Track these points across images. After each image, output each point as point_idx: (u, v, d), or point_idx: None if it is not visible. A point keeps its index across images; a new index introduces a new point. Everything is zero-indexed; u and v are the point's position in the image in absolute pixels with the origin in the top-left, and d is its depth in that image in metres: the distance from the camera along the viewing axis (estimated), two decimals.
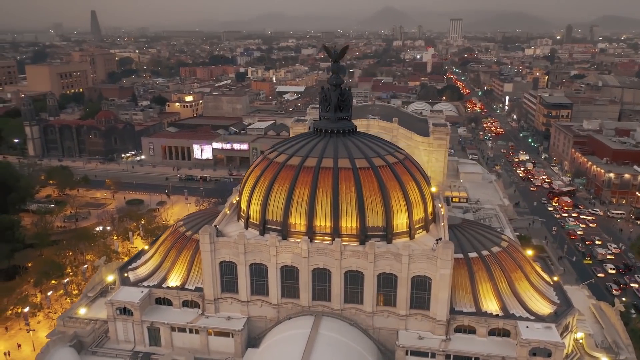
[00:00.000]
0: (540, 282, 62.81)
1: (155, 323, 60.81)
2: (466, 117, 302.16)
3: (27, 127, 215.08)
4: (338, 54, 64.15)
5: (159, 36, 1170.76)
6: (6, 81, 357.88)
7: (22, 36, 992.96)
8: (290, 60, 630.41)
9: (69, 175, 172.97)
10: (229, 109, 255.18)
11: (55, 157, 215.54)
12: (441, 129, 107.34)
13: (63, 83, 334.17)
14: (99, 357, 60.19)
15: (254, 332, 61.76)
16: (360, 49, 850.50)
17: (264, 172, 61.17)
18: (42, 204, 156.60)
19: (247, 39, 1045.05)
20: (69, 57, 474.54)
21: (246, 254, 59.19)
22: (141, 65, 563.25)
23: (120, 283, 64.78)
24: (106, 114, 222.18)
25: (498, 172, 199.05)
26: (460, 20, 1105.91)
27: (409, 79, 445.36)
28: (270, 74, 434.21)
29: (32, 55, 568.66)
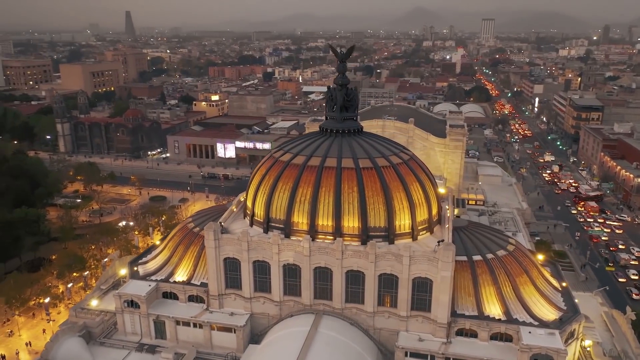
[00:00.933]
0: (547, 287, 61.58)
1: (161, 316, 62.26)
2: (493, 119, 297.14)
3: (59, 124, 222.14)
4: (344, 53, 64.29)
5: (191, 36, 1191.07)
6: (42, 79, 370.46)
7: (60, 36, 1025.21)
8: (319, 61, 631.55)
9: (95, 171, 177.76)
10: (254, 108, 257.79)
11: (85, 153, 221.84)
12: (458, 130, 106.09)
13: (95, 82, 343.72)
14: (107, 348, 61.97)
15: (257, 329, 62.52)
16: (390, 49, 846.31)
17: (269, 171, 61.89)
18: (69, 199, 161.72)
19: (276, 39, 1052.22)
20: (102, 56, 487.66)
21: (249, 251, 59.99)
22: (172, 64, 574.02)
23: (130, 276, 66.56)
24: (134, 112, 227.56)
25: (523, 175, 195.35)
26: (492, 20, 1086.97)
27: (437, 80, 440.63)
28: (297, 74, 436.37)
29: (68, 55, 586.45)
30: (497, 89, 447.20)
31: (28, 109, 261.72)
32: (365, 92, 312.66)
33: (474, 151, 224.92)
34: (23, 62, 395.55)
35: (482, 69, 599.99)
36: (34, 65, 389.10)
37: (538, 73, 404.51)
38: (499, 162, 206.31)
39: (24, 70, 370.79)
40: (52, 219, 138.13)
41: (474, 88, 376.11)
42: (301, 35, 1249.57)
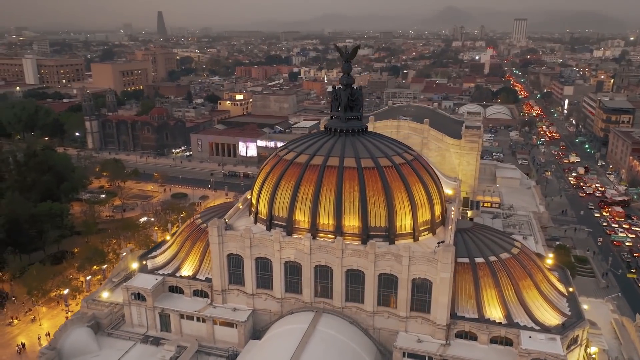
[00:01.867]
0: (551, 292, 60.51)
1: (166, 310, 63.77)
2: (520, 121, 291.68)
3: (87, 122, 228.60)
4: (349, 53, 64.57)
5: (221, 36, 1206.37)
6: (74, 78, 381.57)
7: (94, 36, 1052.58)
8: None
9: (120, 167, 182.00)
10: (276, 107, 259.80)
11: (112, 150, 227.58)
12: (473, 131, 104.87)
13: (125, 80, 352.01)
14: (114, 339, 63.87)
15: (259, 325, 63.38)
16: (418, 49, 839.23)
17: (273, 169, 62.68)
18: (94, 194, 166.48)
19: (305, 39, 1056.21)
20: (132, 56, 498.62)
21: (252, 248, 60.90)
22: (200, 64, 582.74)
23: (138, 270, 68.34)
24: (159, 110, 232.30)
25: (547, 178, 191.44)
26: (525, 20, 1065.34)
27: (464, 81, 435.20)
28: (322, 74, 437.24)
29: (101, 54, 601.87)
30: (527, 90, 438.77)
31: (59, 106, 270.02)
32: (389, 92, 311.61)
33: (498, 153, 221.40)
34: (56, 61, 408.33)
35: (512, 69, 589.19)
36: (66, 64, 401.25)
37: (568, 74, 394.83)
38: (524, 165, 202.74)
39: (57, 69, 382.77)
40: (76, 214, 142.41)
41: (502, 89, 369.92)
42: (329, 35, 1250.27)
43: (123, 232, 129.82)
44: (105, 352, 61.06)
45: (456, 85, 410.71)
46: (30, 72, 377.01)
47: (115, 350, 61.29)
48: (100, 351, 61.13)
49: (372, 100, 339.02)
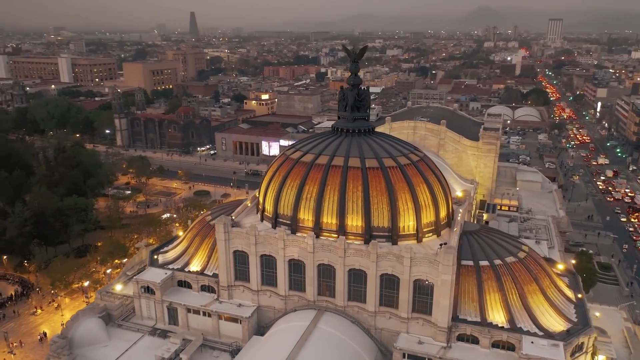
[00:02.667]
0: (558, 297, 59.37)
1: (174, 303, 65.32)
2: (549, 123, 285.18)
3: (116, 120, 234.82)
4: (357, 54, 64.77)
5: (251, 36, 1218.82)
6: (106, 77, 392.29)
7: (129, 36, 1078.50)
8: (374, 61, 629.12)
9: (146, 164, 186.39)
10: (301, 107, 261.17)
11: (140, 147, 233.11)
12: (491, 133, 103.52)
13: (155, 79, 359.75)
14: (124, 330, 65.81)
15: (264, 321, 64.23)
16: (448, 50, 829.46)
17: (279, 168, 63.45)
18: (120, 190, 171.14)
19: (334, 39, 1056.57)
20: (163, 55, 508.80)
21: (257, 245, 61.80)
22: (230, 64, 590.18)
23: (149, 264, 70.18)
24: (185, 109, 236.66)
25: (574, 182, 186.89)
26: (560, 21, 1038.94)
27: (494, 82, 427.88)
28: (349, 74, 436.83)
29: (134, 54, 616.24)
30: (559, 92, 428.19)
31: (91, 104, 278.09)
32: (415, 93, 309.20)
33: (524, 156, 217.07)
34: (90, 61, 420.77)
35: (545, 71, 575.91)
36: (100, 63, 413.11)
37: (602, 76, 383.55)
38: (551, 168, 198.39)
39: (91, 68, 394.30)
40: (101, 209, 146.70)
41: (532, 91, 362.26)
42: (359, 36, 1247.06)
43: (145, 228, 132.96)
44: (114, 342, 62.99)
45: (485, 87, 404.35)
46: (65, 70, 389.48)
47: (124, 342, 63.17)
48: (110, 341, 63.09)
49: (398, 101, 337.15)
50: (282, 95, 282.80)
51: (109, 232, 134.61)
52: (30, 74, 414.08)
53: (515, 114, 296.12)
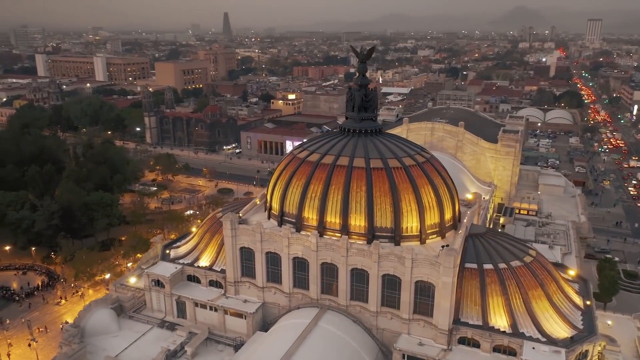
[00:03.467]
0: (565, 303, 58.19)
1: (182, 297, 66.97)
2: (581, 126, 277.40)
3: (146, 118, 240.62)
4: (365, 54, 64.98)
5: (283, 37, 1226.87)
6: (139, 76, 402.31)
7: (164, 36, 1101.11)
8: (404, 61, 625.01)
9: (172, 162, 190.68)
10: (326, 107, 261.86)
11: (168, 145, 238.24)
12: (510, 135, 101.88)
13: (185, 79, 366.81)
14: (134, 322, 67.90)
15: (269, 318, 65.19)
16: (481, 50, 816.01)
17: (286, 167, 64.27)
18: (146, 186, 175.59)
19: (366, 39, 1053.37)
20: (195, 55, 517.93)
21: (262, 242, 62.79)
22: (260, 64, 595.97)
23: (160, 258, 72.12)
24: (212, 108, 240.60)
25: (604, 187, 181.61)
26: (599, 21, 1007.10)
27: (527, 83, 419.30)
28: (377, 74, 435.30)
29: (168, 54, 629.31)
30: (594, 95, 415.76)
31: (123, 102, 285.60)
32: (443, 94, 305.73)
33: (554, 160, 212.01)
34: (124, 60, 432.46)
35: (581, 72, 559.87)
36: (133, 62, 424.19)
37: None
38: (581, 173, 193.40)
39: (125, 67, 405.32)
40: (126, 204, 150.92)
41: (565, 93, 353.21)
42: (391, 36, 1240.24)
43: (168, 224, 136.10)
44: (124, 333, 65.08)
45: (518, 88, 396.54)
46: (100, 69, 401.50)
47: (134, 332, 65.17)
48: (120, 332, 65.22)
49: (425, 102, 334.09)
50: (307, 95, 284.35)
51: (133, 227, 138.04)
52: (67, 73, 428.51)
53: (546, 117, 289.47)
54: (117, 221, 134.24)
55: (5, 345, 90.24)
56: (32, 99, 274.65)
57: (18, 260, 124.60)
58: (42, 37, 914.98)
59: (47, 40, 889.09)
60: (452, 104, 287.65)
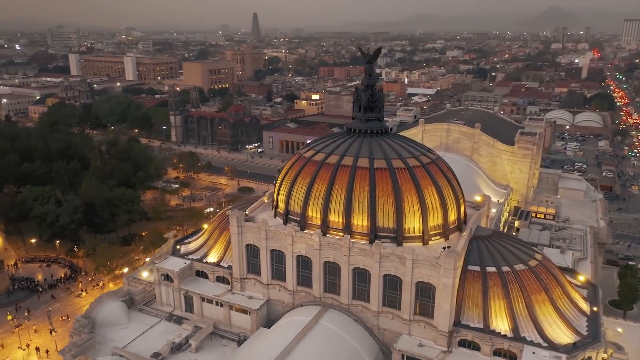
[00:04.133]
0: (570, 309, 57.18)
1: (190, 292, 68.47)
2: (612, 129, 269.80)
3: (172, 116, 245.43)
4: (372, 55, 65.18)
5: (311, 37, 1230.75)
6: (168, 75, 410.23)
7: (194, 36, 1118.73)
8: (432, 62, 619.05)
9: (195, 160, 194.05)
10: (349, 108, 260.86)
11: (192, 144, 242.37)
12: (527, 138, 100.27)
13: (212, 79, 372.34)
14: (143, 314, 69.78)
15: (273, 314, 66.02)
16: (512, 51, 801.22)
17: (292, 166, 65.04)
18: (169, 183, 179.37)
19: (394, 40, 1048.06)
20: (223, 55, 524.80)
21: (267, 240, 63.69)
22: (287, 64, 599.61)
23: (170, 253, 73.85)
24: (236, 107, 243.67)
25: (632, 192, 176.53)
26: (637, 21, 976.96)
27: (557, 85, 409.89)
28: (403, 75, 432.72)
29: (197, 54, 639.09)
30: (628, 97, 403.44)
31: (150, 101, 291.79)
32: (468, 95, 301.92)
33: (580, 163, 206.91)
34: (153, 60, 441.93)
35: (615, 74, 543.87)
36: (162, 62, 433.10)
37: None
38: (608, 177, 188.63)
39: (154, 67, 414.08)
40: (148, 200, 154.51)
41: (597, 95, 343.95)
42: (420, 37, 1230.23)
43: (188, 220, 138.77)
44: (133, 325, 66.95)
45: (548, 90, 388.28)
46: (130, 69, 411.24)
47: (142, 325, 66.98)
48: (129, 324, 67.12)
49: (452, 103, 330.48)
50: (331, 96, 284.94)
51: (154, 223, 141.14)
52: (98, 72, 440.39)
53: (575, 119, 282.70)
54: (138, 217, 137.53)
55: (26, 334, 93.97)
56: (63, 97, 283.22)
57: (43, 252, 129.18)
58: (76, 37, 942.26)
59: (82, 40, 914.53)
60: (478, 105, 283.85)
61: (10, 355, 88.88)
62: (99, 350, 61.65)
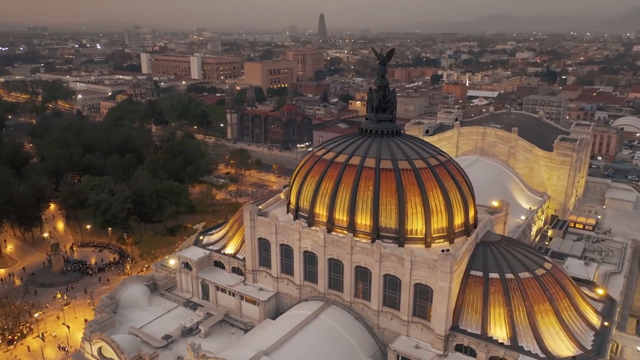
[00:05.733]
0: (576, 322, 54.93)
1: (206, 280, 71.94)
2: None
3: (228, 114, 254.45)
4: (385, 56, 65.55)
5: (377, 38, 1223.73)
6: (230, 75, 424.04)
7: (262, 37, 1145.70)
8: (499, 64, 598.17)
9: (245, 157, 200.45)
10: (401, 109, 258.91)
11: (247, 141, 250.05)
12: (567, 144, 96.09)
13: (272, 78, 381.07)
14: (164, 299, 74.18)
15: (282, 307, 68.05)
16: (589, 53, 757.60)
17: (305, 164, 66.79)
18: (219, 178, 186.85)
19: (462, 41, 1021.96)
20: (285, 55, 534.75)
21: (277, 235, 65.82)
22: (349, 65, 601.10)
23: (193, 243, 77.84)
24: (289, 107, 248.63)
25: None
26: None
27: (632, 90, 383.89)
28: (465, 77, 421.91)
29: (262, 54, 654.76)
30: None
31: (210, 99, 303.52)
32: (530, 99, 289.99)
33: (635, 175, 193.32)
34: (217, 60, 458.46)
35: None
36: (225, 62, 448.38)
37: None
38: None
39: (217, 67, 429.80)
40: (195, 194, 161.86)
41: None
42: (490, 37, 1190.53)
43: (231, 214, 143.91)
44: (153, 308, 71.41)
45: (623, 95, 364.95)
46: (196, 68, 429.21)
47: (161, 309, 71.30)
48: (149, 307, 71.65)
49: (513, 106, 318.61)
50: None
51: (199, 215, 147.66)
52: (167, 71, 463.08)
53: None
54: (185, 209, 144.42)
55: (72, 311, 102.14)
56: (131, 94, 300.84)
57: (96, 238, 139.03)
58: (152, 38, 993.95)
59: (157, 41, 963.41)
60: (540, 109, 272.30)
61: (57, 331, 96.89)
62: (118, 329, 66.40)
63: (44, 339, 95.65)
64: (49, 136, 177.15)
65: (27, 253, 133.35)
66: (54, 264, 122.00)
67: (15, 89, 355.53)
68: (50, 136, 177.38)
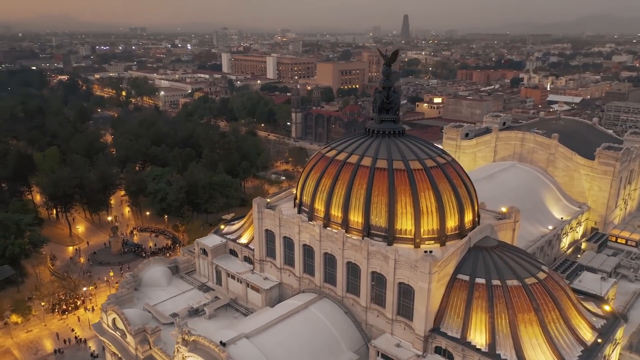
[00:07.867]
0: (563, 335, 52.65)
1: (218, 267, 76.53)
2: None
3: (293, 113, 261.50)
4: (390, 57, 66.12)
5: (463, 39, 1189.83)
6: (304, 75, 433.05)
7: (344, 38, 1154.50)
8: (592, 68, 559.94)
9: (302, 155, 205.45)
10: (468, 113, 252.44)
11: (310, 140, 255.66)
12: (610, 152, 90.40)
13: (343, 79, 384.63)
14: (182, 281, 79.85)
15: (284, 297, 70.88)
16: None
17: (309, 161, 69.19)
18: (277, 175, 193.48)
19: (554, 43, 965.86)
20: (360, 57, 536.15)
21: (280, 227, 68.79)
22: (427, 66, 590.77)
23: (213, 232, 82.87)
24: (352, 107, 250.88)
25: None
26: None
27: None
28: (548, 81, 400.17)
29: (340, 55, 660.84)
30: None
31: (280, 98, 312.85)
32: (611, 105, 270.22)
33: None
34: (292, 60, 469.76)
35: None
36: (300, 62, 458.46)
37: None
38: None
39: (292, 67, 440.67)
40: (248, 188, 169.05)
41: None
42: (587, 39, 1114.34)
43: None
44: (170, 289, 77.20)
45: None
46: (271, 68, 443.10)
47: (177, 289, 76.94)
48: (167, 287, 77.49)
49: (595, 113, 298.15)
50: (450, 100, 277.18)
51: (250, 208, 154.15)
52: (245, 70, 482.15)
53: None
54: (236, 202, 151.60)
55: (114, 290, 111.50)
56: (207, 92, 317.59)
57: (155, 224, 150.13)
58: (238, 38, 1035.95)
59: (242, 41, 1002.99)
60: (622, 116, 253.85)
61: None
62: (135, 304, 72.66)
63: (92, 311, 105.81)
64: (122, 128, 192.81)
65: (93, 234, 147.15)
66: (112, 246, 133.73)
67: (108, 85, 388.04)
68: (124, 128, 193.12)
